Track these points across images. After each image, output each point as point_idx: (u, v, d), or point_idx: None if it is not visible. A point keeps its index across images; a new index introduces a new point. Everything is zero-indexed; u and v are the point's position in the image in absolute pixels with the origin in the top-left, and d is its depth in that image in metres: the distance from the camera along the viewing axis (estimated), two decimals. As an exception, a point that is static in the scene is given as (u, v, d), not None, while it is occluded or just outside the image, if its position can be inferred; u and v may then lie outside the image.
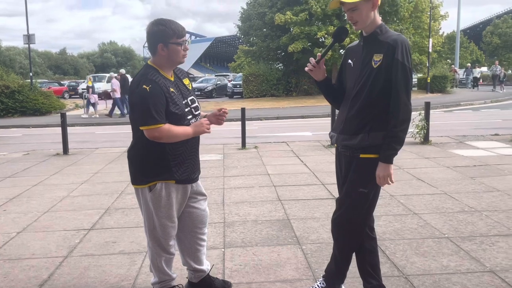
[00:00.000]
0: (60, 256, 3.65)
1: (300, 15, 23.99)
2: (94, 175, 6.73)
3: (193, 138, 2.62)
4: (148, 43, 2.54)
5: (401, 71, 2.35)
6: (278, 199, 5.12)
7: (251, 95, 26.82)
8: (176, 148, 2.55)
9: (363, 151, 2.46)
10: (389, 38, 2.40)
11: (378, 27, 2.46)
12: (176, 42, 2.49)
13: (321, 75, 2.62)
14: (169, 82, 2.55)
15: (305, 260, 3.42)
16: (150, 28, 2.50)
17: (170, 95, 2.48)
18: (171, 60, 2.55)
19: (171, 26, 2.48)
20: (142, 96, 2.41)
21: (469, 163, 6.81)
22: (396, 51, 2.35)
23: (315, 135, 10.73)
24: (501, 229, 3.94)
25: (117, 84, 17.47)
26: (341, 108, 2.62)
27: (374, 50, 2.42)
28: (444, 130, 10.58)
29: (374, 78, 2.40)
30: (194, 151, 2.67)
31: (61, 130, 8.83)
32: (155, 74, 2.49)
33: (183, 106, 2.56)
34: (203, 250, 2.87)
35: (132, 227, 4.31)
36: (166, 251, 2.73)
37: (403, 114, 2.37)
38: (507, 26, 49.20)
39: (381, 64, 2.38)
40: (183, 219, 2.77)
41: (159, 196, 2.59)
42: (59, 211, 4.91)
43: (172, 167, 2.56)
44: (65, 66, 73.14)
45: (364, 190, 2.49)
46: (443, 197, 4.99)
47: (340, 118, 2.61)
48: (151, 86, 2.41)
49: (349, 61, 2.58)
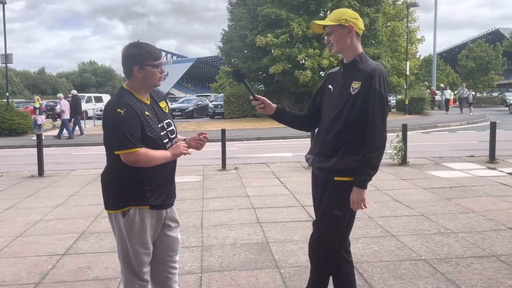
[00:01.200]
0: (31, 283, 3.53)
1: (281, 38, 24.37)
2: (70, 198, 6.59)
3: (170, 162, 2.56)
4: (123, 66, 2.50)
5: (378, 99, 2.42)
6: (257, 222, 5.09)
7: (232, 116, 26.90)
8: (151, 173, 2.50)
9: (338, 173, 2.49)
10: (368, 67, 2.48)
11: (358, 56, 2.54)
12: (152, 64, 2.46)
13: (271, 109, 2.71)
14: (144, 105, 2.51)
15: (283, 284, 3.39)
16: (126, 51, 2.48)
17: (145, 118, 2.44)
18: (147, 83, 2.51)
19: (147, 49, 2.46)
20: (116, 120, 2.36)
21: (446, 184, 6.92)
22: (373, 80, 2.42)
23: (296, 156, 10.78)
24: (476, 251, 3.99)
25: (66, 105, 17.11)
26: (318, 131, 2.66)
27: (353, 77, 2.49)
28: (422, 152, 10.77)
29: (352, 104, 2.46)
30: (170, 176, 2.62)
31: (37, 152, 8.66)
32: (129, 97, 2.45)
33: (159, 129, 2.52)
34: (174, 278, 2.78)
35: (107, 252, 4.21)
36: (140, 278, 2.65)
37: (378, 141, 2.42)
38: (481, 50, 50.85)
39: (359, 92, 2.45)
40: (154, 247, 2.68)
41: (132, 221, 2.51)
42: (32, 236, 4.76)
43: (146, 192, 2.49)
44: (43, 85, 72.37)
45: (339, 213, 2.50)
46: (420, 219, 5.05)
47: (316, 141, 2.65)
48: (126, 110, 2.37)
49: (329, 86, 2.65)
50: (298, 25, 23.89)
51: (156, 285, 2.77)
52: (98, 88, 74.94)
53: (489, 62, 50.31)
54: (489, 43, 52.08)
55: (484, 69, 50.54)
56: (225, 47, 29.43)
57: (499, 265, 3.65)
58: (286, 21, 24.67)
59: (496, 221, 4.88)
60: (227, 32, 29.34)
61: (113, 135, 2.40)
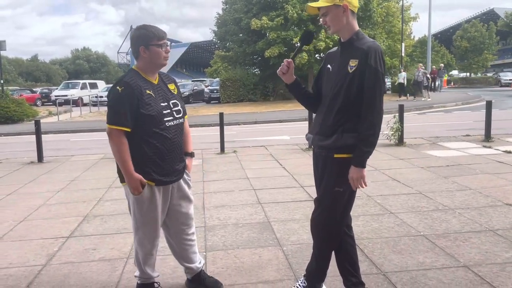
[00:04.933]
0: (39, 264, 3.59)
1: (276, 20, 24.21)
2: (71, 183, 6.63)
3: (171, 140, 2.68)
4: (131, 48, 2.69)
5: (374, 76, 2.43)
6: (258, 202, 5.16)
7: (229, 100, 26.86)
8: (151, 151, 2.64)
9: (337, 151, 2.53)
10: (364, 44, 2.48)
11: (355, 34, 2.54)
12: (156, 44, 2.61)
13: (291, 78, 2.70)
14: (149, 84, 2.65)
15: (286, 261, 3.47)
16: (133, 33, 2.66)
17: (143, 97, 2.58)
18: (153, 63, 2.67)
19: (151, 29, 2.62)
20: (113, 97, 2.58)
21: (442, 163, 7.01)
22: (369, 57, 2.43)
23: (293, 139, 10.83)
24: (474, 226, 4.09)
25: None
26: (318, 110, 2.70)
27: (350, 55, 2.50)
28: (418, 132, 10.85)
29: (349, 82, 2.47)
30: (172, 153, 2.72)
31: (36, 138, 8.65)
32: (132, 77, 2.62)
33: (160, 107, 2.65)
34: (191, 249, 2.97)
35: (112, 233, 4.28)
36: (147, 250, 2.81)
37: (375, 118, 2.45)
38: (475, 30, 50.68)
39: (356, 69, 2.45)
40: (168, 220, 2.85)
41: (141, 195, 2.65)
42: (36, 220, 4.82)
43: (148, 168, 2.64)
44: (37, 73, 71.59)
45: (339, 189, 2.56)
46: (418, 197, 5.13)
47: (317, 121, 2.69)
48: (123, 88, 2.55)
49: (328, 66, 2.66)
50: (292, 8, 23.72)
51: (177, 257, 2.99)
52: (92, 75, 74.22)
53: (483, 42, 50.19)
54: (483, 22, 51.87)
55: (479, 49, 50.44)
56: (219, 31, 29.20)
57: (496, 239, 3.74)
58: (281, 4, 24.48)
59: (492, 197, 4.97)
60: (221, 16, 29.07)
61: (109, 109, 2.62)
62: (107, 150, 9.96)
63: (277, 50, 24.47)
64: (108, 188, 6.18)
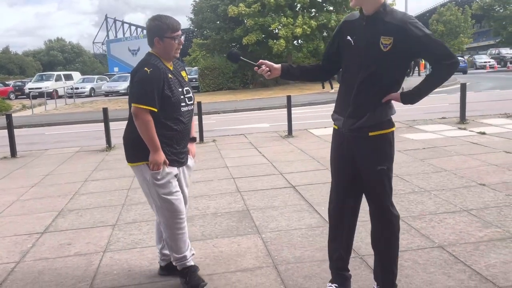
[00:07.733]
0: (12, 261, 3.51)
1: (252, 7, 24.00)
2: (45, 177, 6.48)
3: (185, 125, 2.81)
4: (147, 37, 2.78)
5: (429, 40, 2.23)
6: (237, 191, 5.14)
7: (208, 89, 26.64)
8: (172, 132, 2.74)
9: (371, 129, 2.40)
10: (395, 19, 2.25)
11: (382, 6, 2.29)
12: (170, 36, 2.70)
13: (277, 70, 2.56)
14: (168, 69, 2.76)
15: (265, 248, 3.47)
16: (148, 23, 2.74)
17: (167, 80, 2.67)
18: (167, 53, 2.75)
19: (166, 21, 2.70)
20: (142, 78, 2.62)
21: (419, 146, 7.11)
22: (411, 31, 2.21)
23: (273, 126, 10.83)
24: (448, 207, 4.16)
25: None
26: (345, 90, 2.45)
27: (381, 32, 2.26)
28: (395, 116, 10.87)
29: (384, 62, 2.28)
30: (186, 137, 2.86)
31: (8, 132, 8.42)
32: (156, 59, 2.71)
33: (179, 93, 2.76)
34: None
35: (88, 227, 4.20)
36: (176, 227, 2.83)
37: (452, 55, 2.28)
38: (450, 14, 51.29)
39: (392, 48, 2.24)
40: None
41: (160, 174, 2.73)
42: (9, 216, 4.70)
43: (169, 150, 2.75)
44: (9, 65, 69.55)
45: (383, 167, 2.42)
46: (395, 180, 5.16)
47: (345, 102, 2.44)
48: (152, 70, 2.62)
49: (348, 38, 2.39)
50: (269, -7, 23.53)
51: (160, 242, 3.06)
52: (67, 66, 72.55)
53: (458, 26, 50.86)
54: (458, 6, 52.53)
55: (454, 33, 51.12)
56: (196, 18, 28.86)
57: (470, 219, 3.82)
58: (258, -10, 24.25)
59: (467, 178, 5.07)
60: (198, 3, 28.69)
61: (136, 89, 2.65)
62: (83, 143, 9.80)
63: (255, 37, 24.33)
64: (84, 181, 6.06)
